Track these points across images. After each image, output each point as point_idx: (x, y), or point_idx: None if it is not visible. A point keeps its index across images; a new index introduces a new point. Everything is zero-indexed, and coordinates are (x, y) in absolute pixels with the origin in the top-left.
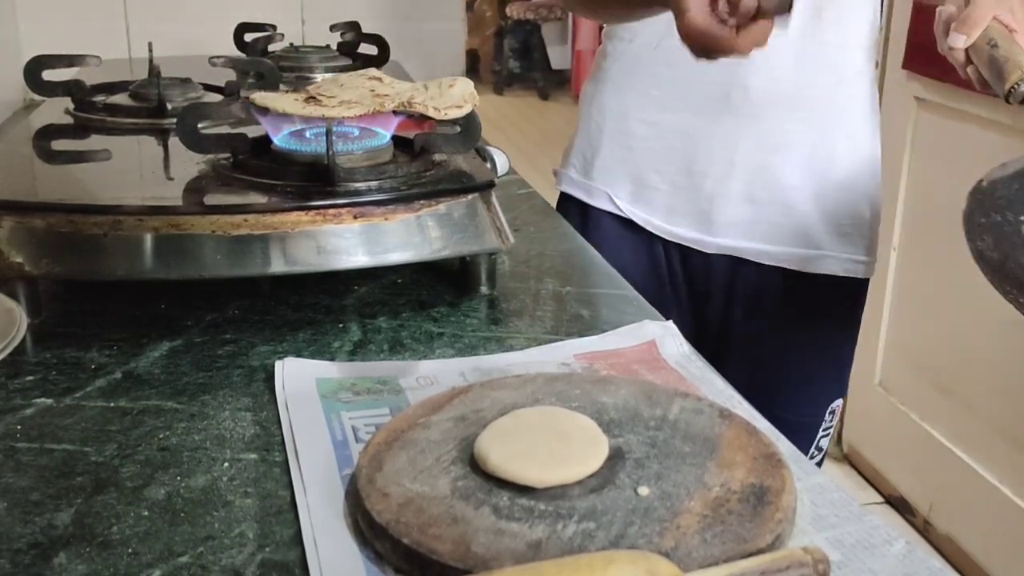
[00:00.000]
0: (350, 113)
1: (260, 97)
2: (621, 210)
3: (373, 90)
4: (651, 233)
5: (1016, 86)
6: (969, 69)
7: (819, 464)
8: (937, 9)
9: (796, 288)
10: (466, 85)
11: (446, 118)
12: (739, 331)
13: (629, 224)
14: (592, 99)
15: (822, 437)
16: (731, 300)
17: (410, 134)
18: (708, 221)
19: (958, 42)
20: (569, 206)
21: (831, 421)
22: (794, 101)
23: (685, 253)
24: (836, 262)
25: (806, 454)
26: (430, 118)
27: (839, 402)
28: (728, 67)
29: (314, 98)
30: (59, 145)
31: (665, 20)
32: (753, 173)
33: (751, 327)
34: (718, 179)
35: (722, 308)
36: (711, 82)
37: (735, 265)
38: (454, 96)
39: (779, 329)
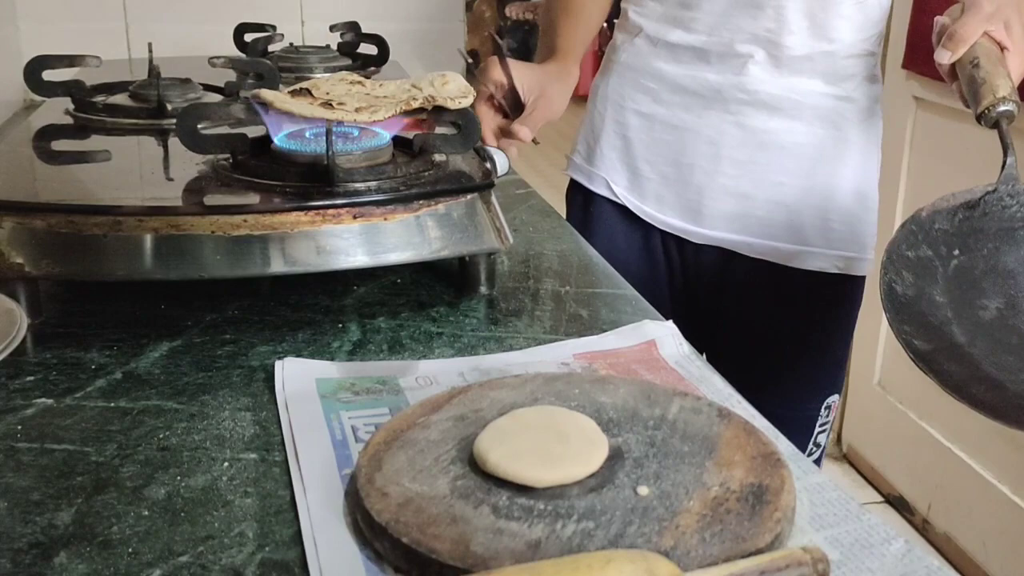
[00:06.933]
0: (377, 117)
1: (272, 96)
2: (618, 197)
3: (368, 92)
4: (647, 221)
5: (987, 111)
6: (954, 85)
7: (818, 461)
8: (935, 19)
9: (787, 282)
10: (459, 79)
11: (460, 106)
12: (732, 322)
13: (627, 211)
14: (597, 89)
15: (819, 433)
16: (724, 291)
17: (410, 134)
18: (697, 213)
19: (943, 58)
20: (575, 192)
21: (828, 417)
22: (783, 102)
23: (680, 243)
24: (825, 259)
25: (804, 450)
26: (431, 115)
27: (835, 398)
28: (722, 68)
29: (329, 104)
30: (59, 145)
31: (666, 18)
32: (741, 169)
33: (743, 319)
34: (706, 173)
35: (715, 299)
36: (703, 80)
37: (727, 257)
38: (454, 89)
39: (771, 322)
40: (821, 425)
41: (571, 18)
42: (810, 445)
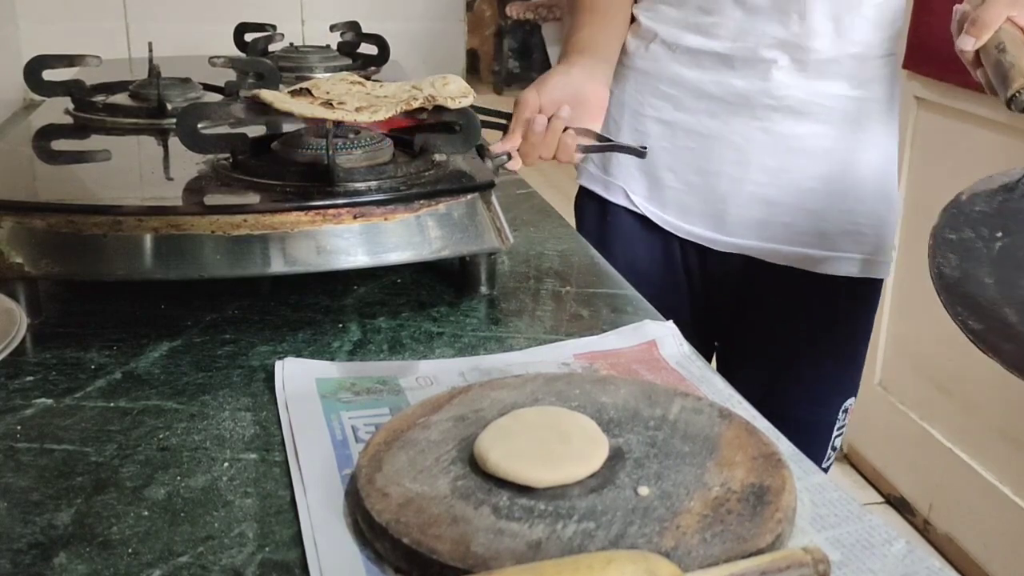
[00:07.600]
0: (377, 117)
1: (272, 97)
2: (637, 206)
3: (369, 92)
4: (667, 230)
5: (1018, 94)
6: (979, 72)
7: (830, 466)
8: (954, 7)
9: (811, 287)
10: (459, 80)
11: (461, 106)
12: (754, 329)
13: (645, 221)
14: (612, 95)
15: (836, 437)
16: (746, 299)
17: (410, 134)
18: (722, 221)
19: (967, 44)
20: (588, 200)
21: (844, 420)
22: (810, 107)
23: (701, 251)
24: (852, 263)
25: (823, 454)
26: (432, 115)
27: (852, 401)
28: (747, 73)
29: (329, 103)
30: (59, 145)
31: (685, 24)
32: (767, 175)
33: (766, 325)
34: (732, 180)
35: (737, 306)
36: (727, 85)
37: (750, 264)
38: (454, 90)
39: (794, 328)
40: (839, 429)
41: (586, 15)
42: (828, 450)
